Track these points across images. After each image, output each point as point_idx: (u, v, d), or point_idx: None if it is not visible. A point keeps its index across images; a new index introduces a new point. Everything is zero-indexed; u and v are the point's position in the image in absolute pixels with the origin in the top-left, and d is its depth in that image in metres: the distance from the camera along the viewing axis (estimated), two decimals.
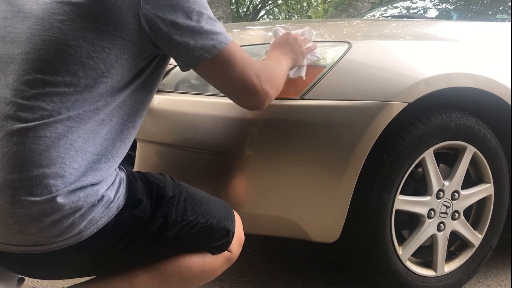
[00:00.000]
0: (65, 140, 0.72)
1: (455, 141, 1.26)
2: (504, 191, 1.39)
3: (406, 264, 1.28)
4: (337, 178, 1.10)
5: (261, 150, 1.08)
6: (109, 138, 0.80)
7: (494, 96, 1.25)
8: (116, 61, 0.77)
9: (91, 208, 0.75)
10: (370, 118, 1.09)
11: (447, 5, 2.33)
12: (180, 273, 0.89)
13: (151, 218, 0.83)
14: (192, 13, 0.80)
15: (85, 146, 0.75)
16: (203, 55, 0.82)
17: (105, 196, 0.77)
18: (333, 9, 15.13)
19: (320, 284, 1.46)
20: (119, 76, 0.78)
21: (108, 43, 0.75)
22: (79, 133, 0.74)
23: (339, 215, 1.14)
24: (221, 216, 0.93)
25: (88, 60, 0.74)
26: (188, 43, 0.80)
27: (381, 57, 1.17)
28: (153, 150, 1.18)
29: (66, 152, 0.72)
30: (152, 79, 0.88)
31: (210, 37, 0.82)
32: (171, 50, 0.83)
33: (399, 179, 1.19)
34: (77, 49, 0.73)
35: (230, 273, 1.52)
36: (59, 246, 0.74)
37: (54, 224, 0.72)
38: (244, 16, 16.55)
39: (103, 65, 0.75)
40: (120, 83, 0.79)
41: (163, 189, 0.87)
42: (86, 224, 0.75)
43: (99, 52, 0.75)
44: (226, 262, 0.97)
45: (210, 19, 0.83)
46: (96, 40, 0.74)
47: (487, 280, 1.52)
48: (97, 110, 0.76)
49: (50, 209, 0.71)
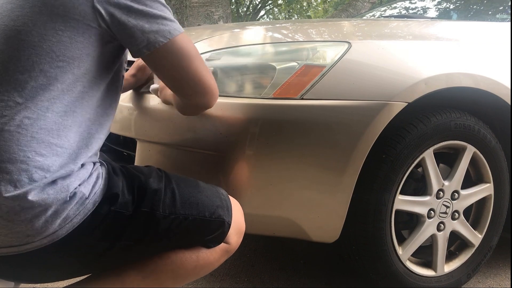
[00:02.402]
0: (25, 132, 0.69)
1: (455, 141, 1.26)
2: (504, 191, 1.39)
3: (406, 264, 1.28)
4: (337, 178, 1.10)
5: (261, 150, 1.08)
6: (74, 129, 0.76)
7: (494, 96, 1.25)
8: (71, 44, 0.74)
9: (63, 205, 0.71)
10: (369, 118, 1.09)
11: (447, 5, 2.32)
12: (173, 271, 0.86)
13: (135, 213, 0.79)
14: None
15: (48, 138, 0.71)
16: (158, 39, 0.80)
17: (78, 192, 0.74)
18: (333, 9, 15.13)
19: (320, 284, 1.46)
20: (75, 61, 0.75)
21: (61, 26, 0.73)
22: (40, 124, 0.71)
23: (339, 215, 1.14)
24: (214, 206, 0.88)
25: (40, 43, 0.71)
26: (143, 26, 0.78)
27: (381, 57, 1.17)
28: (152, 150, 1.18)
29: (27, 145, 0.69)
30: (114, 68, 0.85)
31: (164, 23, 0.81)
32: (124, 34, 0.79)
33: (399, 179, 1.19)
34: (28, 34, 0.71)
35: (230, 273, 1.52)
36: (34, 246, 0.72)
37: (26, 224, 0.69)
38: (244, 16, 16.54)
39: (56, 48, 0.73)
40: (78, 70, 0.76)
41: (145, 182, 0.82)
42: (60, 223, 0.72)
43: (51, 34, 0.72)
44: (223, 254, 0.92)
45: (165, 7, 0.83)
46: (47, 23, 0.72)
47: (487, 280, 1.52)
48: (56, 99, 0.73)
49: (18, 207, 0.68)
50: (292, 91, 1.09)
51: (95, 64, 0.79)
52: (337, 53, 1.15)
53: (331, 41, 1.23)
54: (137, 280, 0.85)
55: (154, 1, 0.80)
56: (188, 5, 3.93)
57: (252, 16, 16.71)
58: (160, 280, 0.86)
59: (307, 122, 1.08)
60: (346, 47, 1.16)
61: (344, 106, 1.09)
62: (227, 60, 1.21)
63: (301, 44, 1.24)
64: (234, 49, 1.27)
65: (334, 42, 1.21)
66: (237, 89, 1.15)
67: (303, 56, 1.17)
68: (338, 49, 1.16)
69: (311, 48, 1.20)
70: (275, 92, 1.09)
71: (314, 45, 1.21)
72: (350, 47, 1.16)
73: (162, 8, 0.82)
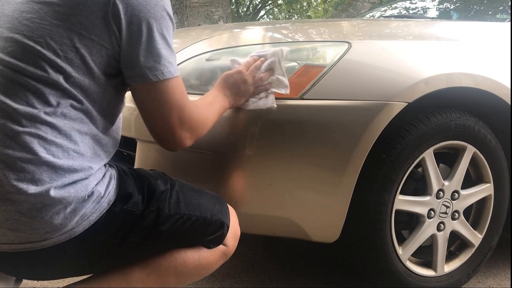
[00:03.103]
0: (45, 136, 0.73)
1: (455, 141, 1.26)
2: (504, 191, 1.39)
3: (406, 264, 1.28)
4: (337, 178, 1.10)
5: (261, 150, 1.08)
6: (91, 134, 0.80)
7: (494, 96, 1.25)
8: (83, 62, 0.77)
9: (81, 204, 0.75)
10: (370, 118, 1.09)
11: (447, 5, 2.33)
12: (176, 268, 0.89)
13: (144, 212, 0.83)
14: (158, 33, 0.80)
15: (66, 143, 0.75)
16: (147, 75, 0.80)
17: (95, 191, 0.77)
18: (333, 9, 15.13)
19: (320, 284, 1.46)
20: (87, 76, 0.78)
21: (77, 42, 0.76)
22: (58, 130, 0.74)
23: (339, 215, 1.14)
24: (215, 209, 0.93)
25: (55, 58, 0.74)
26: (139, 58, 0.79)
27: (381, 57, 1.17)
28: (152, 150, 1.18)
29: (47, 148, 0.73)
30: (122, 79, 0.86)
31: (162, 63, 0.81)
32: (123, 57, 0.81)
33: (399, 179, 1.19)
34: (44, 46, 0.74)
35: (230, 273, 1.52)
36: (51, 243, 0.74)
37: (46, 220, 0.72)
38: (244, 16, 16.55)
39: (70, 64, 0.75)
40: (92, 82, 0.79)
41: (154, 183, 0.87)
42: (78, 220, 0.75)
43: (65, 51, 0.75)
44: (222, 256, 0.96)
45: (169, 47, 0.83)
46: (64, 39, 0.75)
47: (487, 280, 1.52)
48: (71, 106, 0.76)
49: (40, 205, 0.71)
50: (292, 91, 1.09)
51: (108, 77, 0.82)
52: (337, 53, 1.15)
53: (331, 41, 1.23)
54: (142, 276, 0.88)
55: (164, 38, 0.82)
56: (188, 5, 3.93)
57: (252, 16, 16.71)
58: (163, 278, 0.89)
59: (307, 122, 1.08)
60: (346, 47, 1.16)
61: (344, 106, 1.09)
62: (227, 60, 1.21)
63: (301, 44, 1.24)
64: (234, 49, 1.27)
65: (334, 42, 1.21)
66: None
67: (303, 56, 1.17)
68: (338, 49, 1.16)
69: (311, 48, 1.20)
70: (275, 92, 1.09)
71: (314, 45, 1.21)
72: (350, 47, 1.16)
73: (167, 47, 0.82)
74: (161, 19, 0.81)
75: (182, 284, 0.93)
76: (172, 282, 0.91)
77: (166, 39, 0.82)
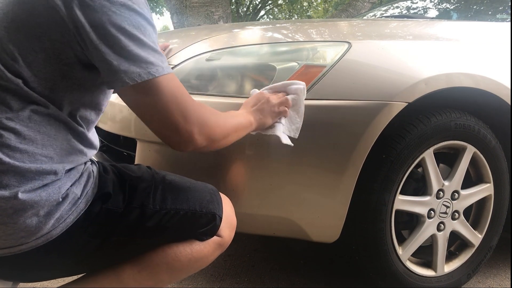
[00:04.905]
0: (8, 142, 0.71)
1: (455, 141, 1.26)
2: (504, 191, 1.39)
3: (406, 264, 1.28)
4: (337, 178, 1.10)
5: (261, 150, 1.08)
6: (59, 138, 0.77)
7: (494, 96, 1.25)
8: (44, 65, 0.74)
9: (56, 206, 0.73)
10: (370, 118, 1.09)
11: (447, 5, 2.32)
12: (168, 263, 0.88)
13: (126, 210, 0.81)
14: (129, 35, 0.73)
15: (32, 148, 0.73)
16: (124, 79, 0.73)
17: (70, 193, 0.76)
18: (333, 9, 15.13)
19: (320, 284, 1.46)
20: (49, 81, 0.75)
21: (36, 46, 0.72)
22: (23, 135, 0.72)
23: (339, 215, 1.14)
24: (205, 201, 0.91)
25: (12, 62, 0.72)
26: (111, 63, 0.73)
27: (381, 57, 1.17)
28: (152, 150, 1.18)
29: (12, 155, 0.71)
30: (88, 78, 0.81)
31: (138, 64, 0.74)
32: (97, 63, 0.75)
33: (399, 179, 1.19)
34: (5, 50, 0.72)
35: (230, 273, 1.52)
36: (28, 247, 0.73)
37: (19, 225, 0.71)
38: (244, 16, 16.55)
39: (30, 69, 0.73)
40: (55, 85, 0.76)
41: (136, 179, 0.85)
42: (53, 223, 0.73)
43: (25, 55, 0.72)
44: (217, 247, 0.94)
45: (147, 46, 0.76)
46: (23, 42, 0.72)
47: (487, 280, 1.52)
48: (34, 111, 0.74)
49: (11, 210, 0.69)
50: None
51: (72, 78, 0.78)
52: (337, 53, 1.15)
53: (331, 41, 1.23)
54: (133, 274, 0.87)
55: (137, 39, 0.75)
56: (188, 5, 3.93)
57: (252, 16, 16.71)
58: (155, 273, 0.88)
59: (307, 122, 1.08)
60: (346, 47, 1.16)
61: (344, 106, 1.09)
62: (227, 60, 1.21)
63: (301, 44, 1.24)
64: (234, 49, 1.27)
65: (334, 42, 1.21)
66: (237, 89, 1.15)
67: (303, 56, 1.17)
68: (338, 49, 1.16)
69: (311, 48, 1.20)
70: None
71: (314, 45, 1.21)
72: (350, 47, 1.16)
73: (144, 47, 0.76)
74: (123, 17, 0.73)
75: (176, 279, 0.91)
76: (165, 278, 0.89)
77: (137, 38, 0.74)
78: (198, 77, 1.21)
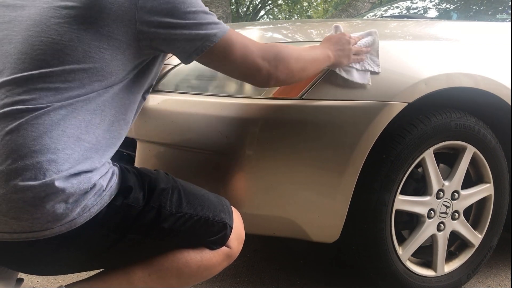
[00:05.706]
0: (57, 127, 0.75)
1: (455, 141, 1.26)
2: (504, 191, 1.39)
3: (406, 264, 1.28)
4: (337, 178, 1.10)
5: (261, 150, 1.08)
6: (101, 128, 0.82)
7: (494, 96, 1.25)
8: (111, 61, 0.81)
9: (84, 195, 0.76)
10: (370, 118, 1.09)
11: (447, 5, 2.33)
12: (178, 269, 0.89)
13: (145, 208, 0.84)
14: (187, 13, 0.84)
15: (77, 133, 0.77)
16: (205, 44, 0.86)
17: (97, 184, 0.78)
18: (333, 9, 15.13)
19: (320, 284, 1.46)
20: (113, 75, 0.82)
21: (104, 44, 0.79)
22: (71, 121, 0.77)
23: (339, 215, 1.14)
24: (217, 210, 0.93)
25: (84, 59, 0.78)
26: (188, 37, 0.84)
27: (380, 57, 1.17)
28: (153, 150, 1.18)
29: (58, 138, 0.75)
30: (145, 74, 0.91)
31: (209, 27, 0.86)
32: (172, 49, 0.87)
33: (399, 179, 1.19)
34: (73, 49, 0.77)
35: (230, 273, 1.52)
36: (52, 233, 0.75)
37: (48, 210, 0.73)
38: (244, 16, 16.55)
39: (98, 64, 0.79)
40: (114, 79, 0.83)
41: (155, 181, 0.88)
42: (79, 211, 0.76)
43: (95, 52, 0.78)
44: (225, 258, 0.96)
45: (205, 13, 0.87)
46: (93, 41, 0.78)
47: (487, 280, 1.52)
48: (89, 100, 0.79)
49: (43, 194, 0.72)
50: (292, 91, 1.09)
51: (130, 74, 0.86)
52: None
53: None
54: (143, 276, 0.88)
55: (195, 12, 0.85)
56: None
57: (252, 16, 16.71)
58: (165, 278, 0.89)
59: (307, 122, 1.08)
60: None
61: (344, 106, 1.09)
62: None
63: (301, 44, 1.24)
64: None
65: None
66: (237, 89, 1.15)
67: None
68: None
69: None
70: (275, 92, 1.09)
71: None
72: None
73: (203, 15, 0.86)
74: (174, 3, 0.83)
75: (184, 285, 0.92)
76: (174, 283, 0.90)
77: (197, 12, 0.85)
78: (198, 77, 1.21)
